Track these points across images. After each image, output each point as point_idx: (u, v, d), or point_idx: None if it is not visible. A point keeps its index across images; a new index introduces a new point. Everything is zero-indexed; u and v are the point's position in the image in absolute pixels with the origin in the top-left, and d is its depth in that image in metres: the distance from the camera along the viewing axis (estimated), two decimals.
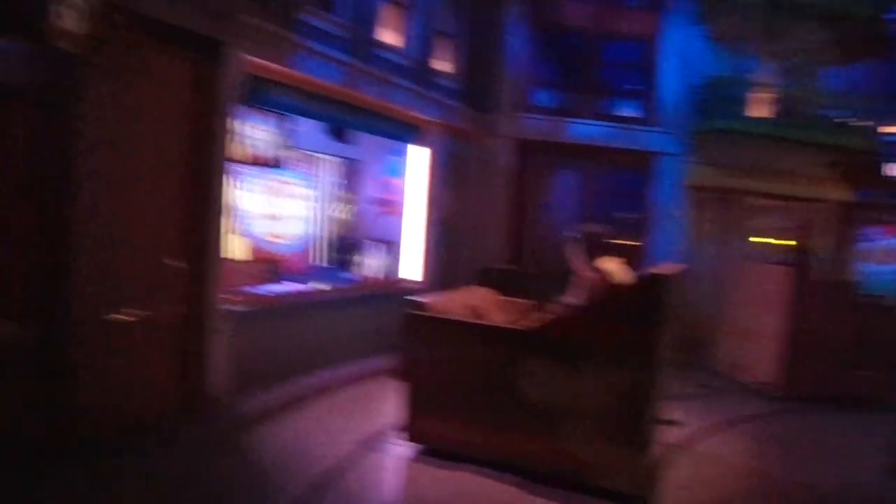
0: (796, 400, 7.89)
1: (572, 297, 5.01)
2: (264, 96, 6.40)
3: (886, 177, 11.70)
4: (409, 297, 5.38)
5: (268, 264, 6.77)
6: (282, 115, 6.94)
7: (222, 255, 5.73)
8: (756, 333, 8.54)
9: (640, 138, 11.12)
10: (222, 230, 5.67)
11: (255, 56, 5.97)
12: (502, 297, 6.54)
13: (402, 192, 9.17)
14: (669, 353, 4.92)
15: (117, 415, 4.82)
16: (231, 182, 5.90)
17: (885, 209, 11.99)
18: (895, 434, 6.14)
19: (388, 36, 8.31)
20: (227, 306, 5.88)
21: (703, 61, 11.25)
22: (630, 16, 11.43)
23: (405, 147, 9.15)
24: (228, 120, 5.66)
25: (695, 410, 6.96)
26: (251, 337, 6.26)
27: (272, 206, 7.38)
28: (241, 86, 5.81)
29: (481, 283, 6.74)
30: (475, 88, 10.32)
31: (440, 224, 9.49)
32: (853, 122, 11.55)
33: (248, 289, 6.51)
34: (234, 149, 6.09)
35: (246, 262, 6.58)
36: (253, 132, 6.64)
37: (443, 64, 9.54)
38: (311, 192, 8.08)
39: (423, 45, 8.91)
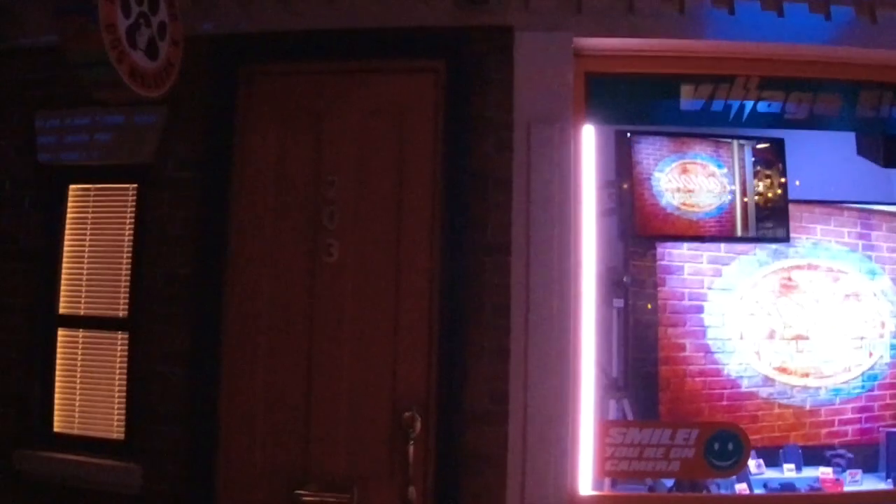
0: None
1: None
2: (663, 109, 3.37)
3: None
4: None
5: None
6: (737, 138, 3.64)
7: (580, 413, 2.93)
8: None
9: None
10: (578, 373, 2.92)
11: (606, 35, 3.15)
12: None
13: None
14: None
15: None
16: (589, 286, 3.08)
17: None
18: None
19: None
20: None
21: None
22: None
23: None
24: (558, 168, 2.96)
25: None
26: None
27: (776, 315, 3.89)
28: (585, 101, 3.10)
29: None
30: None
31: None
32: None
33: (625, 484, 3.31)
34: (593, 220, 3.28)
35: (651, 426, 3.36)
36: (671, 179, 3.61)
37: None
38: (875, 287, 4.03)
39: None
